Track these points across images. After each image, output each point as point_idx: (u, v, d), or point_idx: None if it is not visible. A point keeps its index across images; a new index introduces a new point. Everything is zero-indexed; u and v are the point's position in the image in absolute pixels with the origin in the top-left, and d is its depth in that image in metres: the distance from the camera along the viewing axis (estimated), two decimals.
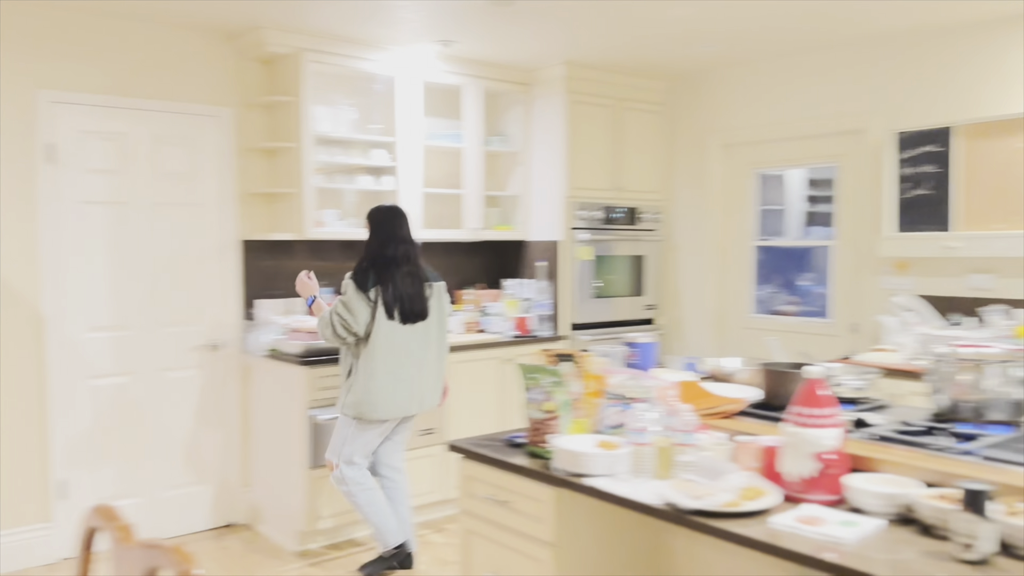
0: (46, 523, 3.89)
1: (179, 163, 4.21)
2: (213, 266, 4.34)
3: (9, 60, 3.74)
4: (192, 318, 4.26)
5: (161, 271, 4.16)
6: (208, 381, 4.34)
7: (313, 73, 4.28)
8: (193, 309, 4.27)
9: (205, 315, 4.28)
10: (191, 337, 4.25)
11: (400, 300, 3.47)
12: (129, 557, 1.20)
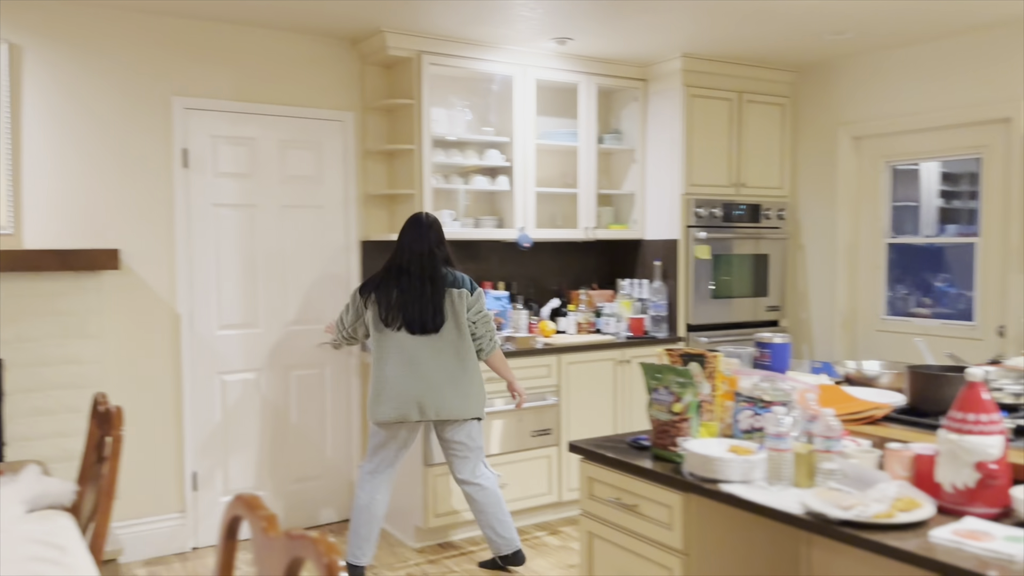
0: (180, 513, 4.08)
1: (305, 167, 4.34)
2: (335, 266, 4.44)
3: (148, 69, 3.94)
4: (315, 317, 4.38)
5: (287, 271, 4.30)
6: (330, 378, 4.45)
7: (431, 75, 4.33)
8: (316, 308, 4.38)
9: (327, 314, 4.38)
10: (315, 335, 4.36)
11: (400, 309, 3.48)
12: (272, 547, 1.21)
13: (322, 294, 4.41)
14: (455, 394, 3.53)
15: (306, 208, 4.34)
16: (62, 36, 3.74)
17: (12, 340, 3.61)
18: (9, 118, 3.60)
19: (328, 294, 4.42)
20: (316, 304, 4.39)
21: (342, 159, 4.43)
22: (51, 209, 3.75)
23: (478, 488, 3.62)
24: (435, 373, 3.50)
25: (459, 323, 3.54)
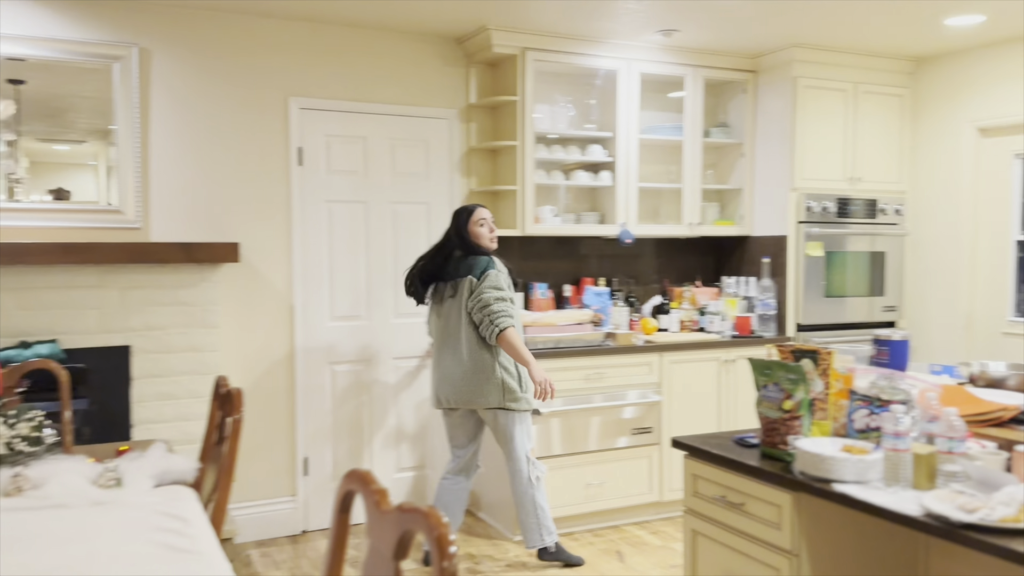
0: (292, 497, 4.24)
1: (412, 164, 4.43)
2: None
3: (267, 71, 4.12)
4: (420, 310, 4.45)
5: (394, 266, 4.40)
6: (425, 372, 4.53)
7: (535, 72, 4.35)
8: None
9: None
10: (418, 328, 4.44)
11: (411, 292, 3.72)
12: (385, 520, 1.24)
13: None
14: (465, 383, 3.56)
15: (413, 204, 4.43)
16: (187, 40, 3.95)
17: (139, 328, 3.84)
18: (139, 119, 3.83)
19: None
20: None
21: (448, 156, 4.51)
22: (176, 204, 3.96)
23: (512, 483, 3.67)
24: (447, 362, 3.62)
25: (460, 313, 3.57)
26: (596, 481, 4.20)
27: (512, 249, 4.65)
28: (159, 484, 2.21)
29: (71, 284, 3.68)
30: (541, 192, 4.58)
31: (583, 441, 4.17)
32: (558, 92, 4.65)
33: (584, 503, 4.18)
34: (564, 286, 4.78)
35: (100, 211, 3.80)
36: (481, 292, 3.49)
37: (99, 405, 3.69)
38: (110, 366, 3.75)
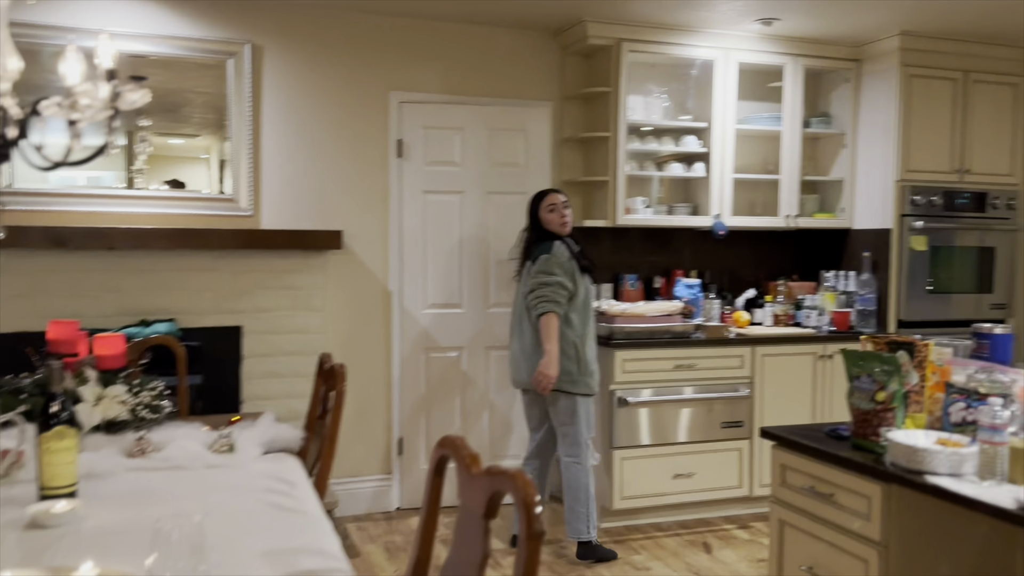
0: (387, 475, 4.41)
1: (507, 156, 4.51)
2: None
3: (369, 66, 4.28)
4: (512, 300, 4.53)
5: (489, 256, 4.49)
6: None
7: (630, 63, 4.36)
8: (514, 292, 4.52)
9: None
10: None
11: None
12: (475, 482, 1.32)
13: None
14: (526, 364, 3.63)
15: (507, 195, 4.50)
16: (296, 36, 4.15)
17: (250, 310, 4.06)
18: (251, 112, 4.05)
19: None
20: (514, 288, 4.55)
21: (541, 148, 4.57)
22: (284, 194, 4.17)
23: (563, 467, 3.67)
24: (514, 343, 3.74)
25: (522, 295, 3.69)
26: (684, 473, 4.20)
27: (603, 240, 4.68)
28: (267, 451, 2.36)
29: (188, 267, 3.93)
30: (633, 183, 4.59)
31: (671, 432, 4.17)
32: (653, 82, 4.65)
33: (671, 494, 4.19)
34: (655, 278, 4.78)
35: (215, 199, 4.04)
36: (539, 272, 3.57)
37: (211, 381, 3.94)
38: (222, 345, 3.99)
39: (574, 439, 3.62)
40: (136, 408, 2.41)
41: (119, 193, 3.87)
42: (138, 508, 1.85)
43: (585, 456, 3.63)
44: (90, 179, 3.87)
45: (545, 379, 3.50)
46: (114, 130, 1.50)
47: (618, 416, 4.06)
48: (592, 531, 3.64)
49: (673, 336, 4.23)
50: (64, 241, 3.60)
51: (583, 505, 3.62)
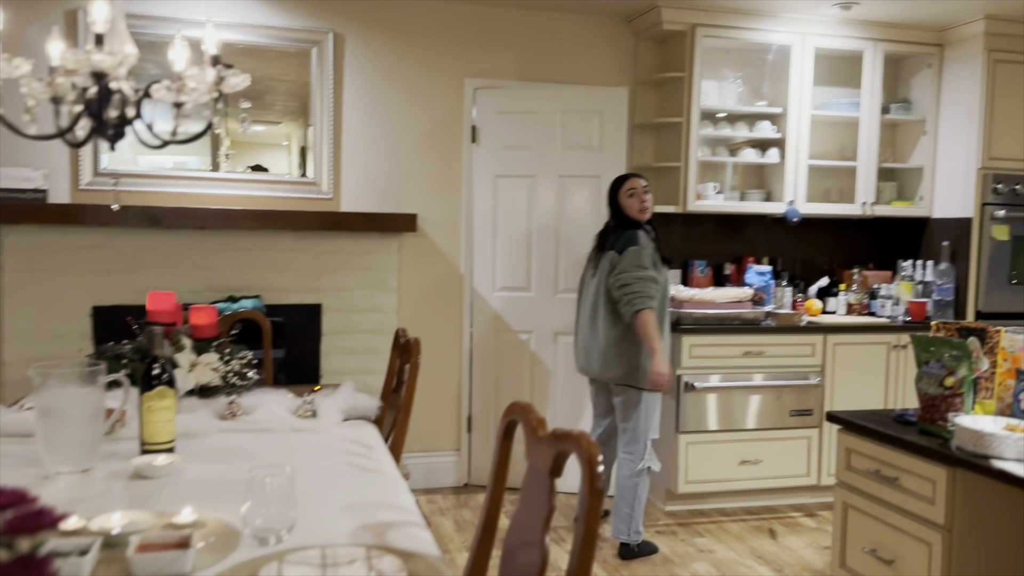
0: (456, 451, 4.55)
1: (579, 140, 4.55)
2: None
3: (445, 53, 4.39)
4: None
5: (559, 240, 4.55)
6: None
7: (704, 48, 4.36)
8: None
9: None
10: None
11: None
12: (541, 443, 1.41)
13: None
14: (598, 356, 3.52)
15: (579, 179, 4.54)
16: (376, 25, 4.29)
17: (329, 288, 4.24)
18: (332, 99, 4.21)
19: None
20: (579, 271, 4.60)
21: (614, 133, 4.59)
22: (362, 178, 4.33)
23: (618, 463, 3.56)
24: (584, 332, 3.64)
25: (601, 285, 3.51)
26: (751, 459, 4.20)
27: (673, 226, 4.69)
28: (347, 418, 2.50)
29: (272, 247, 4.13)
30: (705, 169, 4.59)
31: (739, 418, 4.18)
32: (727, 67, 4.63)
33: (737, 480, 4.20)
34: (725, 265, 4.77)
35: (298, 183, 4.22)
36: (623, 269, 3.39)
37: (293, 355, 4.13)
38: (303, 321, 4.18)
39: (632, 435, 3.51)
40: (227, 375, 2.58)
41: (208, 176, 4.07)
42: (230, 464, 2.01)
43: (641, 455, 3.51)
44: (176, 163, 4.08)
45: (660, 378, 3.36)
46: (218, 111, 1.64)
47: (685, 401, 4.09)
48: (633, 534, 3.53)
49: (742, 323, 4.22)
50: (159, 220, 3.82)
51: (628, 505, 3.52)
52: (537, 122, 4.46)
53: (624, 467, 3.53)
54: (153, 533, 1.43)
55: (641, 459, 3.51)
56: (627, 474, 3.52)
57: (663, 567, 3.47)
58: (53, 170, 3.83)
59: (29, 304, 3.79)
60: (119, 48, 1.49)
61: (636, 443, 3.51)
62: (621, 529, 3.54)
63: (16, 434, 2.21)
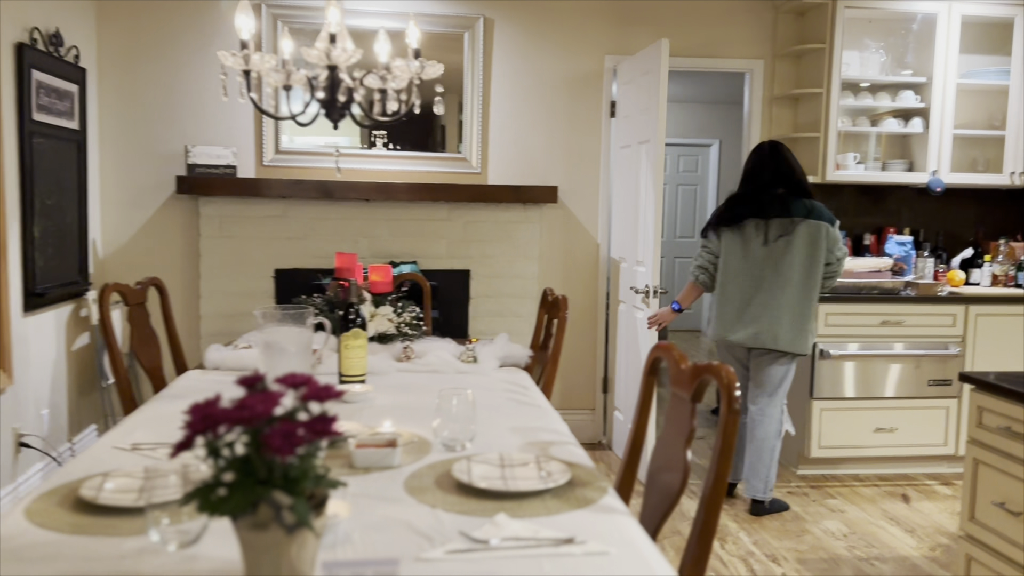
0: (591, 411, 4.82)
1: (645, 103, 4.66)
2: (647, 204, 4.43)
3: (585, 33, 4.62)
4: (641, 256, 4.71)
5: (637, 208, 4.70)
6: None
7: (846, 18, 4.37)
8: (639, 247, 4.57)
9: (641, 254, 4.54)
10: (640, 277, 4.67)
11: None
12: (684, 374, 1.65)
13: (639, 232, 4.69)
14: (779, 325, 3.50)
15: (643, 145, 4.66)
16: (522, 9, 4.56)
17: (476, 256, 4.59)
18: (482, 79, 4.53)
19: (641, 234, 4.64)
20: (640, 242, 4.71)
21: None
22: (507, 152, 4.63)
23: (756, 423, 3.64)
24: (760, 300, 3.53)
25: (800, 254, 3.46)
26: (886, 427, 4.25)
27: (814, 197, 4.73)
28: (502, 365, 2.82)
29: (427, 217, 4.51)
30: (846, 139, 4.61)
31: (875, 386, 4.23)
32: (869, 37, 4.62)
33: (872, 447, 4.26)
34: (865, 235, 4.79)
35: (449, 158, 4.58)
36: (841, 247, 3.51)
37: (444, 316, 4.51)
38: (453, 285, 4.55)
39: (778, 399, 3.61)
40: (399, 325, 2.95)
41: (371, 153, 4.49)
42: (410, 395, 2.36)
43: (781, 417, 3.65)
44: (327, 143, 4.39)
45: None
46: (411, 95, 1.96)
47: (819, 368, 4.18)
48: (768, 492, 3.64)
49: (881, 292, 4.26)
50: (331, 193, 4.27)
51: (766, 465, 3.62)
52: (636, 89, 4.38)
53: (767, 428, 3.62)
54: (365, 436, 1.77)
55: (781, 421, 3.66)
56: (770, 435, 3.63)
57: (794, 523, 3.62)
58: (241, 148, 4.35)
59: (221, 266, 4.34)
60: (346, 45, 1.82)
61: (778, 406, 3.65)
62: (757, 487, 3.67)
63: (233, 368, 2.66)
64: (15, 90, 3.37)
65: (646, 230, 4.11)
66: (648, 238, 4.07)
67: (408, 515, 1.45)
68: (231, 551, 1.29)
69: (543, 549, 1.32)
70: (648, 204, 4.10)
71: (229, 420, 1.10)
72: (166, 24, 4.27)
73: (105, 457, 1.78)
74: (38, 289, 3.53)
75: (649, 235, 4.06)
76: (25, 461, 3.50)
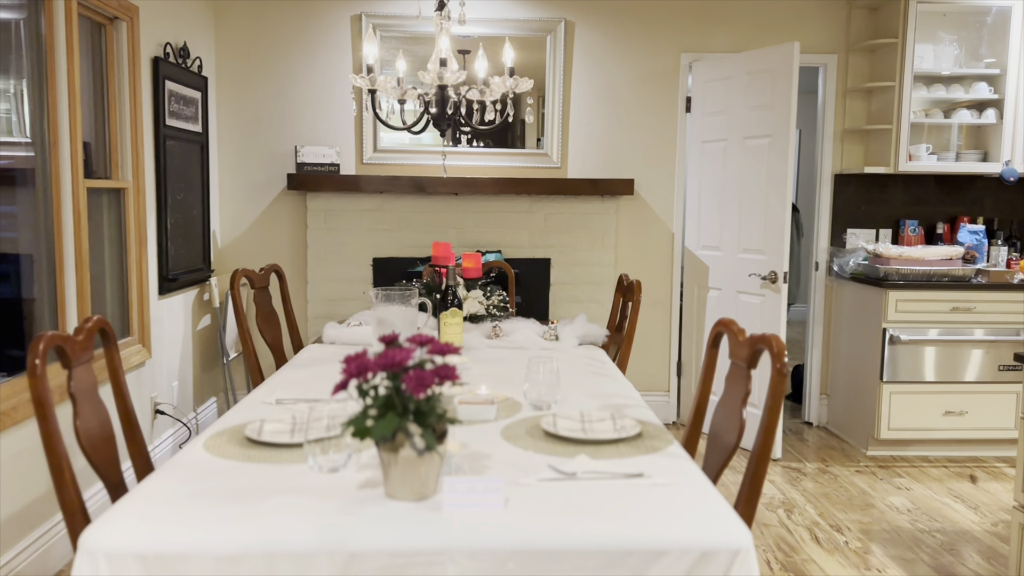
0: (665, 392, 5.07)
1: (759, 102, 4.77)
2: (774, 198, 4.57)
3: (662, 32, 4.85)
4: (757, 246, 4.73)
5: (739, 201, 4.83)
6: (763, 307, 4.97)
7: (919, 12, 4.48)
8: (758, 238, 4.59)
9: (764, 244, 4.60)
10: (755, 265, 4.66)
11: None
12: (741, 344, 1.92)
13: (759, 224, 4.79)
14: None
15: (757, 140, 4.69)
16: (601, 11, 4.82)
17: (556, 245, 4.89)
18: (562, 79, 4.81)
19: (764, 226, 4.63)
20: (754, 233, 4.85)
21: (786, 92, 4.75)
22: (585, 147, 4.91)
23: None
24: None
25: None
26: (956, 411, 4.36)
27: (888, 187, 4.88)
28: (581, 343, 3.12)
29: (511, 209, 4.83)
30: (919, 131, 4.71)
31: (944, 371, 4.35)
32: (943, 30, 4.70)
33: (941, 430, 4.38)
34: (938, 224, 4.88)
35: (532, 154, 4.88)
36: None
37: (527, 302, 4.83)
38: (535, 273, 4.87)
39: None
40: (488, 307, 3.28)
41: (459, 150, 4.83)
42: (500, 367, 2.68)
43: None
44: (412, 140, 4.72)
45: None
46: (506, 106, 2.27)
47: (889, 352, 4.33)
48: None
49: (951, 280, 4.37)
50: (423, 188, 4.64)
51: None
52: (728, 87, 4.63)
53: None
54: (467, 395, 2.10)
55: None
56: None
57: (860, 498, 3.81)
58: (343, 148, 4.76)
59: (325, 255, 4.77)
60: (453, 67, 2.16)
61: None
62: None
63: (347, 343, 3.04)
64: (152, 99, 3.84)
65: (772, 220, 4.38)
66: (775, 228, 4.36)
67: (506, 454, 1.77)
68: (367, 475, 1.63)
69: (617, 480, 1.62)
70: (773, 196, 4.39)
71: (376, 367, 1.44)
72: (277, 36, 4.71)
73: (258, 408, 2.16)
74: (171, 275, 4.01)
75: (777, 225, 4.34)
76: (159, 427, 3.99)
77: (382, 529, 1.40)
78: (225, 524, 1.41)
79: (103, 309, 3.55)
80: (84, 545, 1.37)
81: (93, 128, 3.48)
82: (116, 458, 1.95)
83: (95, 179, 3.43)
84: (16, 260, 3.06)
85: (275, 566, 1.36)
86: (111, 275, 3.63)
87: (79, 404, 1.83)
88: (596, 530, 1.41)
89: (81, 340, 1.87)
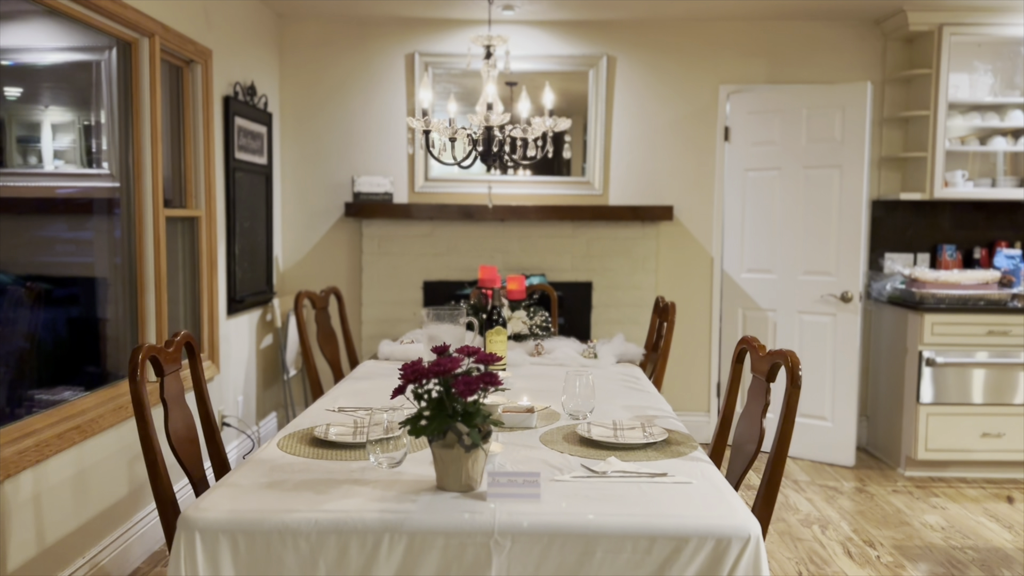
0: (706, 413, 5.21)
1: (823, 135, 4.98)
2: (847, 223, 4.93)
3: (701, 65, 5.05)
4: (826, 268, 4.96)
5: (800, 226, 5.01)
6: (836, 325, 5.07)
7: (952, 44, 4.61)
8: (827, 261, 4.93)
9: (838, 266, 4.90)
10: (824, 286, 4.92)
11: None
12: (761, 359, 2.10)
13: (833, 247, 4.97)
14: None
15: (822, 169, 4.93)
16: (642, 46, 5.05)
17: (598, 269, 5.09)
18: (604, 111, 5.04)
19: (838, 248, 4.92)
20: (827, 256, 4.98)
21: (858, 127, 4.94)
22: (626, 175, 5.12)
23: None
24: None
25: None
26: (992, 433, 4.42)
27: (924, 213, 4.99)
28: (618, 361, 3.31)
29: (554, 235, 5.06)
30: (954, 158, 4.81)
31: (980, 393, 4.41)
32: (977, 60, 4.81)
33: (978, 451, 4.44)
34: (975, 249, 4.96)
35: (575, 182, 5.11)
36: None
37: (569, 323, 5.03)
38: (577, 295, 5.07)
39: None
40: (531, 327, 3.50)
41: (505, 179, 5.08)
42: (542, 381, 2.89)
43: None
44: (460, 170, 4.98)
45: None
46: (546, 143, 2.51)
47: (925, 375, 4.42)
48: None
49: (987, 303, 4.45)
50: (471, 215, 4.89)
51: None
52: (783, 120, 4.89)
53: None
54: (510, 405, 2.32)
55: None
56: None
57: (894, 516, 3.90)
58: (396, 178, 5.05)
59: (379, 278, 5.04)
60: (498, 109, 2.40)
61: None
62: None
63: (401, 359, 3.28)
64: (223, 134, 4.17)
65: (848, 243, 4.73)
66: (850, 250, 4.72)
67: (543, 455, 1.98)
68: (420, 470, 1.86)
69: (643, 479, 1.81)
70: (847, 220, 4.73)
71: (429, 373, 1.67)
72: (335, 75, 5.04)
73: (322, 415, 2.41)
74: (238, 296, 4.31)
75: (852, 247, 4.70)
76: (225, 438, 4.28)
77: (435, 514, 1.62)
78: (300, 507, 1.65)
79: (178, 328, 3.86)
80: (184, 523, 1.61)
81: (170, 161, 3.81)
82: (200, 457, 2.21)
83: (172, 208, 3.75)
84: (91, 283, 3.37)
85: (346, 544, 1.58)
86: (185, 297, 3.94)
87: (170, 408, 2.09)
88: (623, 517, 1.61)
89: (172, 352, 2.14)
